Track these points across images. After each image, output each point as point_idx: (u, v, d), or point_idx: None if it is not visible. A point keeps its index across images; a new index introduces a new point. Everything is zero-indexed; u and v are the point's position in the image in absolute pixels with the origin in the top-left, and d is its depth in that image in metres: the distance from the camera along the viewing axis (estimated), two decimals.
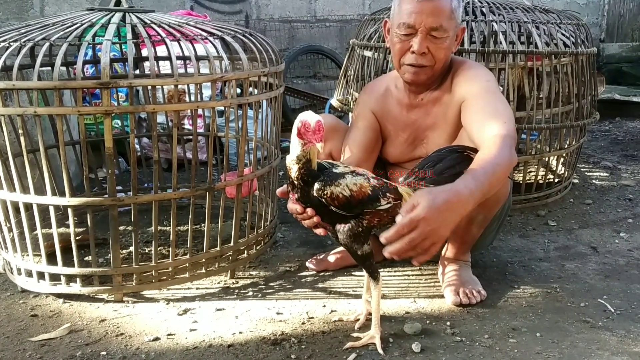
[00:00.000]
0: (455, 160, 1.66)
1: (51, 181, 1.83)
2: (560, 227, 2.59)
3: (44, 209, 1.88)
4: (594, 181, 3.26)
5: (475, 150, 1.67)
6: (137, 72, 2.68)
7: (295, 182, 1.52)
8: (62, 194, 1.83)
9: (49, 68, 2.07)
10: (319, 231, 1.60)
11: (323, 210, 1.55)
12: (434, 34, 1.77)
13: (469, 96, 1.81)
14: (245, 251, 2.12)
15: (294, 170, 1.50)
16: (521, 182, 2.82)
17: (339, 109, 3.05)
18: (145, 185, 2.87)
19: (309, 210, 1.56)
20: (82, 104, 1.71)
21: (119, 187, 2.82)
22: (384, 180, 1.61)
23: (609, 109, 4.79)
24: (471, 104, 1.80)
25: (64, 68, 2.51)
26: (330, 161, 1.61)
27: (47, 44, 1.75)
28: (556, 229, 2.57)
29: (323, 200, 1.51)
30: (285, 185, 1.63)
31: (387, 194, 1.56)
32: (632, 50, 6.56)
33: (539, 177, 2.81)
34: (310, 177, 1.51)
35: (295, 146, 1.48)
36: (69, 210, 1.82)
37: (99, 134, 2.68)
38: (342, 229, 1.56)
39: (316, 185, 1.50)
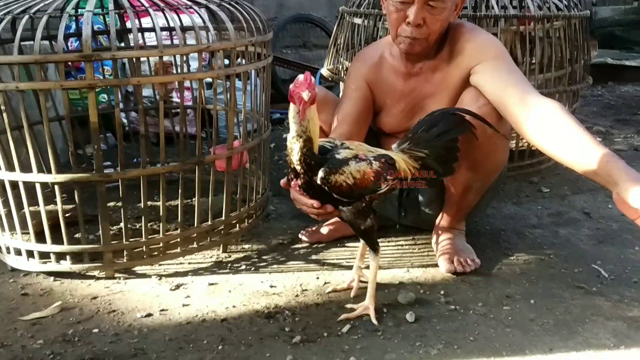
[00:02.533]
0: (449, 124, 1.62)
1: (37, 158, 1.80)
2: (553, 193, 2.58)
3: (31, 187, 1.84)
4: None
5: (467, 112, 1.63)
6: (123, 44, 2.61)
7: (298, 167, 1.46)
8: (50, 171, 1.79)
9: (32, 42, 2.02)
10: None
11: (325, 196, 1.52)
12: (432, 4, 1.71)
13: (487, 59, 1.76)
14: (237, 225, 2.10)
15: (295, 151, 1.43)
16: (514, 149, 2.80)
17: (330, 79, 3.00)
18: (135, 160, 2.82)
19: (329, 207, 1.53)
20: (64, 78, 1.67)
21: (108, 163, 2.78)
22: (382, 153, 1.57)
23: (601, 74, 4.75)
24: (494, 66, 1.74)
25: (47, 42, 2.45)
26: (331, 140, 1.56)
27: (26, 17, 1.70)
28: (549, 195, 2.56)
29: (326, 188, 1.48)
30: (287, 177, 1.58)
31: (388, 177, 1.54)
32: (625, 13, 6.49)
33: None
34: (313, 161, 1.46)
35: (293, 120, 1.42)
36: (56, 187, 1.79)
37: (86, 109, 2.62)
38: (346, 207, 1.54)
39: (320, 174, 1.46)
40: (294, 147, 1.44)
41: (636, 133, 3.47)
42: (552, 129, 1.54)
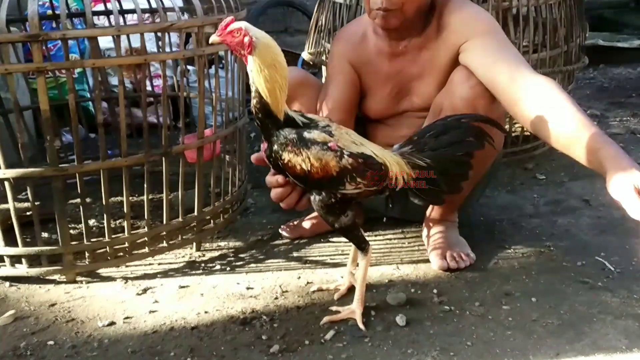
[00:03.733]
0: (464, 134, 1.41)
1: None
2: (549, 180, 2.44)
3: None
4: None
5: (483, 118, 1.46)
6: None
7: (256, 121, 1.34)
8: (13, 165, 1.62)
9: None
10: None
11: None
12: None
13: (475, 35, 1.62)
14: (212, 220, 1.93)
15: (252, 97, 1.31)
16: (506, 134, 2.65)
17: (312, 63, 2.83)
18: (110, 152, 2.65)
19: (293, 193, 1.41)
20: (9, 61, 1.49)
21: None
22: (368, 154, 1.37)
23: (593, 56, 4.58)
24: (483, 43, 1.61)
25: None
26: (312, 116, 1.39)
27: None
28: (545, 182, 2.42)
29: (279, 164, 1.32)
30: (258, 152, 1.43)
31: (358, 179, 1.34)
32: None
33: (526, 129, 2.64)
34: (268, 121, 1.31)
35: None
36: (6, 183, 1.61)
37: (56, 98, 2.43)
38: (313, 198, 1.38)
39: (274, 147, 1.32)
40: (252, 94, 1.31)
41: (632, 116, 3.33)
42: (544, 111, 1.41)
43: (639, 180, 1.19)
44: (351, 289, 1.57)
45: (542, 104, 1.43)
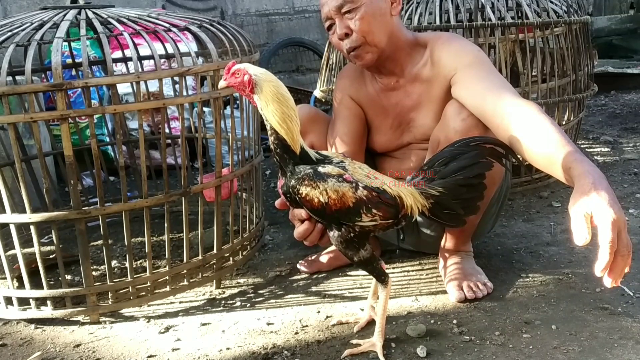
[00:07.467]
0: (473, 158, 1.44)
1: (9, 198, 1.67)
2: (565, 207, 2.40)
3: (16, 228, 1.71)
4: (595, 157, 3.11)
5: (492, 141, 1.48)
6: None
7: (275, 157, 1.37)
8: (36, 210, 1.67)
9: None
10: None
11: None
12: (344, 11, 1.66)
13: (462, 67, 1.67)
14: (231, 258, 1.96)
15: (269, 134, 1.35)
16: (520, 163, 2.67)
17: (324, 100, 2.89)
18: (129, 194, 2.70)
19: (316, 231, 1.42)
20: (34, 110, 1.55)
21: (96, 200, 2.66)
22: (383, 189, 1.39)
23: (604, 83, 4.64)
24: (470, 74, 1.65)
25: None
26: (325, 153, 1.43)
27: None
28: (561, 210, 2.42)
29: (297, 198, 1.35)
30: (281, 198, 1.46)
31: (374, 210, 1.36)
32: (621, 22, 6.42)
33: None
34: (286, 155, 1.35)
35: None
36: (32, 227, 1.66)
37: (77, 143, 2.50)
38: (332, 234, 1.40)
39: (291, 182, 1.35)
40: (268, 132, 1.35)
41: None
42: (525, 134, 1.42)
43: (592, 207, 1.16)
44: (370, 322, 1.58)
45: (522, 127, 1.44)
